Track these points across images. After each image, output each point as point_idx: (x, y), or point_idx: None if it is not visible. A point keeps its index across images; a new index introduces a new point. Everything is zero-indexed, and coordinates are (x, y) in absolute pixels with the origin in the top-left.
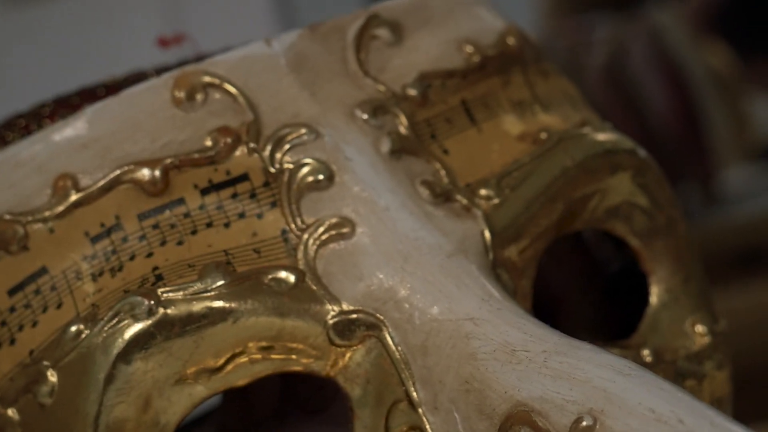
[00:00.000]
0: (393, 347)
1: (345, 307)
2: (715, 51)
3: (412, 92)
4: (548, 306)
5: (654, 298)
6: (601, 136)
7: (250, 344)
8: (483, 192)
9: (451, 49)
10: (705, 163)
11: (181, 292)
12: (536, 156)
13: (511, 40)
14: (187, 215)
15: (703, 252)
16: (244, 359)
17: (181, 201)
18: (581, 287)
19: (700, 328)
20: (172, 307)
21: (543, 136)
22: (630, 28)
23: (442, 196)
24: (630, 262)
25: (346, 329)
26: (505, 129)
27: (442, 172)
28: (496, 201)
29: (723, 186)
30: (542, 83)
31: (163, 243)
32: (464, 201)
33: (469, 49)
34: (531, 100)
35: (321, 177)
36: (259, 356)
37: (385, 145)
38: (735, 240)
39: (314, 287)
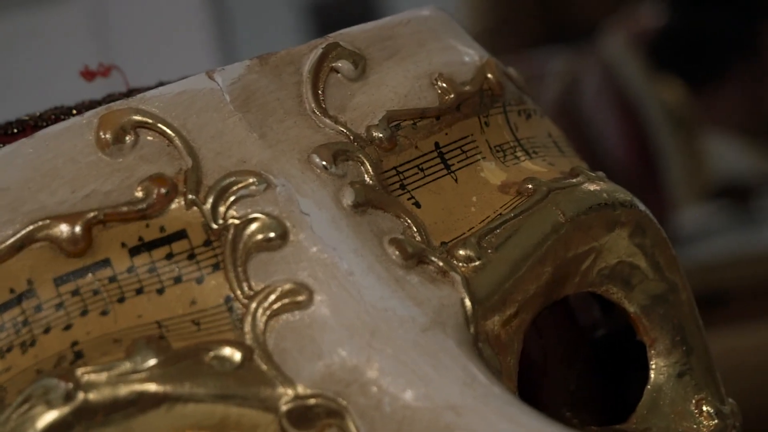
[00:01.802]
0: None
1: (301, 390)
2: (668, 86)
3: (379, 135)
4: (527, 377)
5: (654, 373)
6: (595, 187)
7: (189, 429)
8: (461, 253)
9: (423, 86)
10: (660, 202)
11: (105, 373)
12: (522, 210)
13: (490, 76)
14: (113, 279)
15: None
16: None
17: (106, 262)
18: (564, 356)
19: (707, 410)
20: (95, 392)
21: (529, 186)
22: (583, 61)
23: (415, 258)
24: (618, 327)
25: (303, 417)
26: (484, 178)
27: (414, 229)
28: (476, 263)
29: (678, 226)
30: (525, 125)
31: (85, 313)
32: (440, 263)
33: (442, 85)
34: (513, 145)
35: (272, 235)
36: None
37: (348, 198)
38: (692, 283)
39: (264, 367)
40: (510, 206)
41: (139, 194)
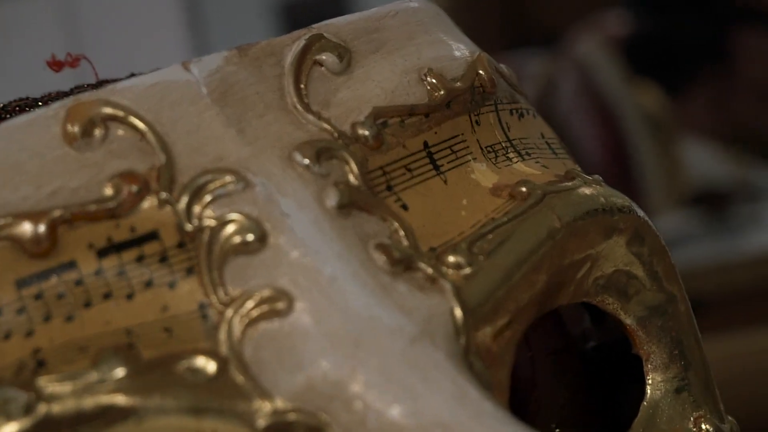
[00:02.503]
0: None
1: (280, 404)
2: (645, 90)
3: (364, 132)
4: (514, 391)
5: (650, 388)
6: (592, 191)
7: None
8: (451, 259)
9: (411, 81)
10: None
11: (69, 384)
12: (516, 215)
13: (481, 72)
14: (79, 283)
15: None
16: None
17: (72, 265)
18: (554, 368)
19: (706, 428)
20: (58, 403)
21: (523, 189)
22: (558, 64)
23: (402, 264)
24: (610, 339)
25: (281, 429)
26: (475, 180)
27: (401, 233)
28: (467, 270)
29: None
30: (517, 125)
31: (48, 318)
32: (429, 270)
33: (432, 81)
34: (505, 146)
35: (251, 237)
36: None
37: (332, 199)
38: None
39: (240, 378)
40: (502, 210)
41: (109, 192)
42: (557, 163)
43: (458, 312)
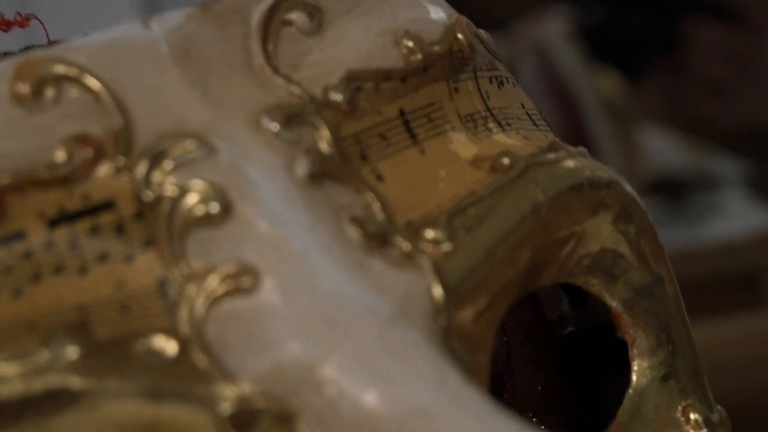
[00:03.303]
0: None
1: (245, 388)
2: (605, 76)
3: (337, 97)
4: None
5: (636, 375)
6: (577, 164)
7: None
8: (430, 234)
9: (387, 44)
10: None
11: (16, 364)
12: (497, 188)
13: (460, 36)
14: (28, 255)
15: None
16: None
17: (20, 235)
18: (530, 354)
19: (694, 418)
20: (4, 385)
21: (505, 161)
22: (517, 46)
23: (377, 239)
24: (590, 324)
25: (247, 419)
26: (454, 151)
27: (376, 206)
28: (447, 247)
29: None
30: (497, 94)
31: None
32: (406, 246)
33: (408, 44)
34: (485, 115)
35: (215, 208)
36: None
37: (302, 167)
38: None
39: (203, 360)
40: (483, 183)
41: (61, 156)
42: (539, 135)
43: (438, 291)
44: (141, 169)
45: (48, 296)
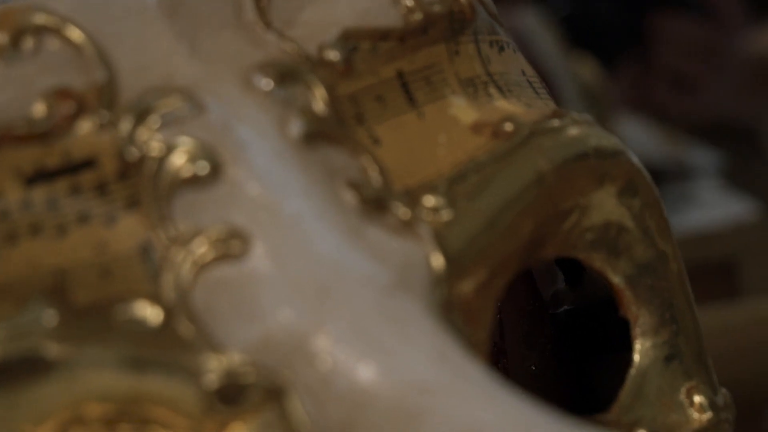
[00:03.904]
0: (301, 422)
1: (234, 358)
2: (583, 63)
3: (333, 56)
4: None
5: (639, 355)
6: (583, 132)
7: (89, 408)
8: (429, 201)
9: (385, 2)
10: None
11: None
12: (500, 155)
13: None
14: (4, 215)
15: None
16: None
17: None
18: (524, 333)
19: (699, 400)
20: None
21: (508, 127)
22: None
23: (374, 204)
24: (585, 302)
25: (233, 393)
26: (454, 116)
27: (373, 170)
28: (447, 215)
29: None
30: (498, 59)
31: None
32: (404, 212)
33: (408, 3)
34: (485, 80)
35: (203, 169)
36: (100, 428)
37: (295, 127)
38: None
39: (188, 328)
40: (485, 150)
41: (41, 111)
42: (540, 104)
43: (438, 260)
44: (125, 125)
45: (24, 259)
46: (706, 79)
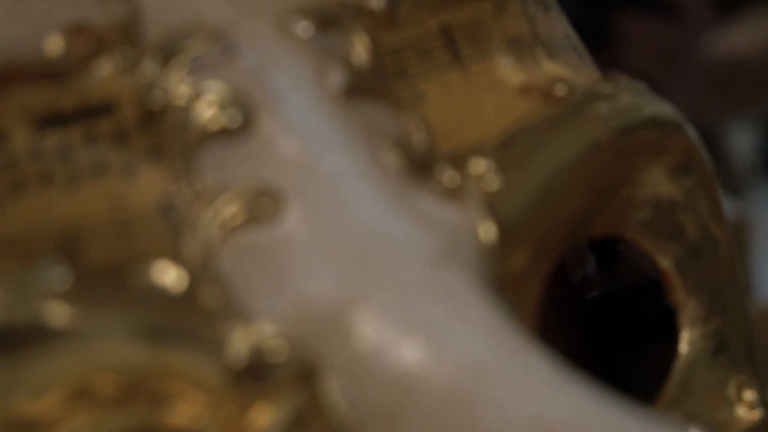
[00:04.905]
0: (336, 407)
1: (262, 331)
2: None
3: (375, 3)
4: None
5: (685, 345)
6: (640, 100)
7: (98, 381)
8: (479, 166)
9: None
10: None
11: None
12: (552, 120)
13: None
14: (10, 162)
15: None
16: (84, 405)
17: (3, 138)
18: (553, 319)
19: (749, 396)
20: None
21: (559, 91)
22: None
23: (419, 167)
24: (617, 289)
25: (261, 369)
26: (500, 77)
27: (419, 129)
28: (496, 181)
29: None
30: (543, 20)
31: None
32: (451, 177)
33: None
34: (532, 40)
35: (234, 120)
36: (110, 402)
37: (335, 79)
38: None
39: (213, 296)
40: (535, 114)
41: (56, 48)
42: (586, 71)
43: (489, 230)
44: (149, 68)
45: (32, 212)
46: (670, 79)
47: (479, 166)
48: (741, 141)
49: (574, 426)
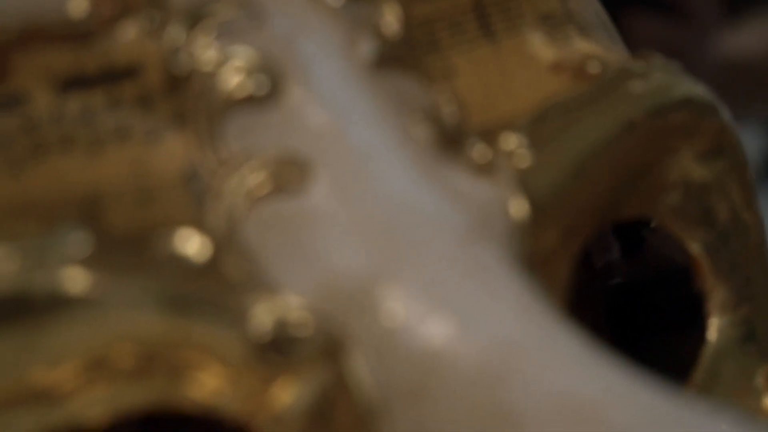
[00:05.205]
0: (362, 385)
1: (287, 304)
2: None
3: None
4: None
5: (713, 332)
6: (675, 80)
7: (115, 351)
8: (509, 142)
9: None
10: None
11: (8, 253)
12: (586, 97)
13: None
14: (31, 124)
15: None
16: (101, 376)
17: (22, 100)
18: (576, 305)
19: None
20: None
21: (592, 69)
22: None
23: (450, 142)
24: (639, 277)
25: (285, 342)
26: (531, 53)
27: (450, 103)
28: (528, 158)
29: None
30: None
31: None
32: (483, 152)
33: None
34: (563, 17)
35: (262, 87)
36: (128, 374)
37: (366, 49)
38: None
39: (238, 267)
40: (567, 91)
41: (80, 9)
42: (616, 50)
43: (521, 207)
44: (176, 32)
45: (53, 176)
46: None
47: (511, 141)
48: (746, 144)
49: (608, 405)
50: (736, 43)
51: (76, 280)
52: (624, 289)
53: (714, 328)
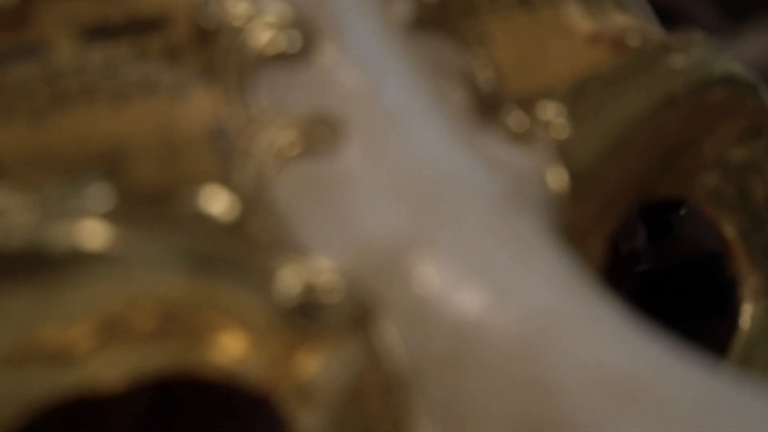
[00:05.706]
0: (392, 354)
1: (317, 267)
2: None
3: None
4: None
5: (748, 319)
6: (711, 56)
7: (136, 308)
8: (549, 111)
9: None
10: None
11: (27, 203)
12: (626, 69)
13: None
14: (55, 74)
15: None
16: (118, 337)
17: (47, 48)
18: None
19: None
20: (9, 232)
21: (633, 40)
22: None
23: (487, 106)
24: (666, 264)
25: (313, 307)
26: (569, 24)
27: (487, 69)
28: (567, 127)
29: None
30: None
31: (9, 115)
32: (521, 119)
33: None
34: None
35: (295, 44)
36: (147, 336)
37: (402, 10)
38: None
39: (266, 228)
40: (606, 62)
41: None
42: (653, 27)
43: (560, 177)
44: None
45: (75, 127)
46: None
47: (548, 111)
48: None
49: (651, 379)
50: (737, 54)
51: (95, 234)
52: (650, 276)
53: (747, 315)
